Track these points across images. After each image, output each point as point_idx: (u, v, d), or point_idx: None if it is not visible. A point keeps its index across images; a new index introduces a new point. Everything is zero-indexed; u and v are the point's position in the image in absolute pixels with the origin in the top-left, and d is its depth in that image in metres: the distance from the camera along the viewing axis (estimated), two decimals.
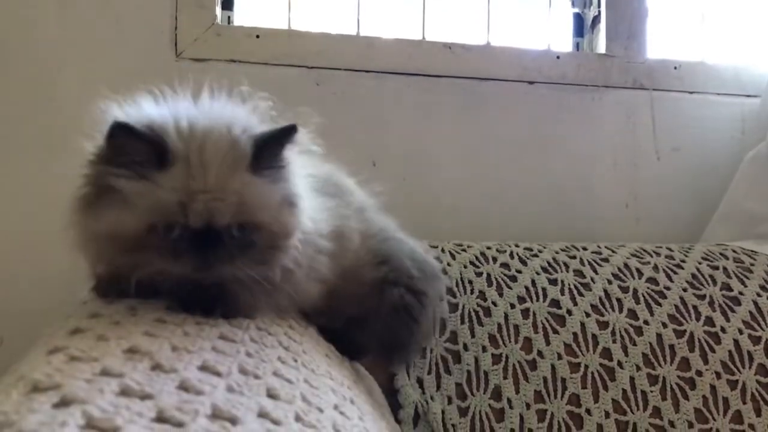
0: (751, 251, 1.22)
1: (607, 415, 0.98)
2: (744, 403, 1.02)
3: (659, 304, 1.08)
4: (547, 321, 1.03)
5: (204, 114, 0.57)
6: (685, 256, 1.18)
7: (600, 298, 1.07)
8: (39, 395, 0.32)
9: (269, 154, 0.57)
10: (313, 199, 0.64)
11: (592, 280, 1.09)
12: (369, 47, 1.31)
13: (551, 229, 1.33)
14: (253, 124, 0.59)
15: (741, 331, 1.07)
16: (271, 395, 0.42)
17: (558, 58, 1.39)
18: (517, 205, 1.35)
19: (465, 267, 1.06)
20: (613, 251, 1.16)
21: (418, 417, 0.93)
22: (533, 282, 1.07)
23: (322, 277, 0.65)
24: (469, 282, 1.04)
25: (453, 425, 0.93)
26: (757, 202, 1.32)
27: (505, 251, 1.11)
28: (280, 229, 0.58)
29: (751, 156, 1.36)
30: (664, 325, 1.06)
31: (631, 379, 1.01)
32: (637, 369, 1.02)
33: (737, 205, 1.35)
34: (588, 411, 0.98)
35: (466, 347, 0.99)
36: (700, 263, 1.16)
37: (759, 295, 1.12)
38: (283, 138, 0.58)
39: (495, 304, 1.03)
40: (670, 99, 1.43)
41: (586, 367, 1.00)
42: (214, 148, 0.54)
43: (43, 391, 0.33)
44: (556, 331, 1.02)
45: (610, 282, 1.09)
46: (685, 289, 1.11)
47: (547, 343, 1.01)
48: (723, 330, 1.07)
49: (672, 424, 0.99)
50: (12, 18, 1.18)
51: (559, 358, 1.00)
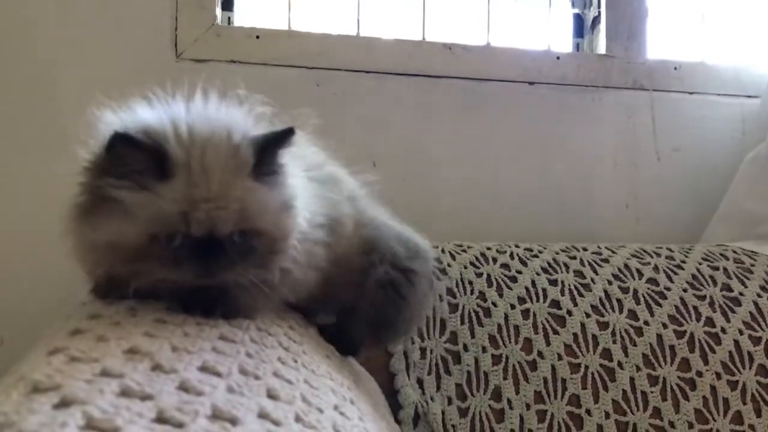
0: (752, 252, 1.22)
1: (607, 415, 0.98)
2: (744, 403, 1.02)
3: (659, 305, 1.08)
4: (548, 321, 1.03)
5: (202, 119, 0.56)
6: (686, 257, 1.18)
7: (600, 299, 1.07)
8: (39, 396, 0.32)
9: (269, 159, 0.57)
10: (306, 188, 0.63)
11: (593, 280, 1.09)
12: (369, 48, 1.31)
13: (551, 230, 1.33)
14: (251, 127, 0.58)
15: (741, 332, 1.07)
16: (272, 396, 0.42)
17: (558, 58, 1.39)
18: (518, 206, 1.35)
19: (465, 267, 1.06)
20: (613, 252, 1.16)
21: (418, 417, 0.93)
22: (533, 282, 1.07)
23: (319, 265, 0.65)
24: (469, 282, 1.04)
25: (453, 426, 0.93)
26: (757, 202, 1.32)
27: (506, 252, 1.11)
28: (280, 234, 0.58)
29: (751, 157, 1.36)
30: (665, 325, 1.06)
31: (632, 379, 1.01)
32: (638, 369, 1.02)
33: (737, 205, 1.35)
34: (588, 411, 0.98)
35: (466, 348, 0.99)
36: (700, 264, 1.16)
37: (759, 295, 1.12)
38: (281, 141, 0.57)
39: (495, 304, 1.03)
40: (670, 99, 1.43)
41: (587, 367, 1.00)
42: (215, 155, 0.54)
43: (43, 392, 0.33)
44: (556, 332, 1.02)
45: (610, 282, 1.09)
46: (685, 290, 1.11)
47: (548, 343, 1.01)
48: (723, 330, 1.07)
49: (672, 424, 0.99)
50: (12, 18, 1.18)
51: (560, 358, 1.00)
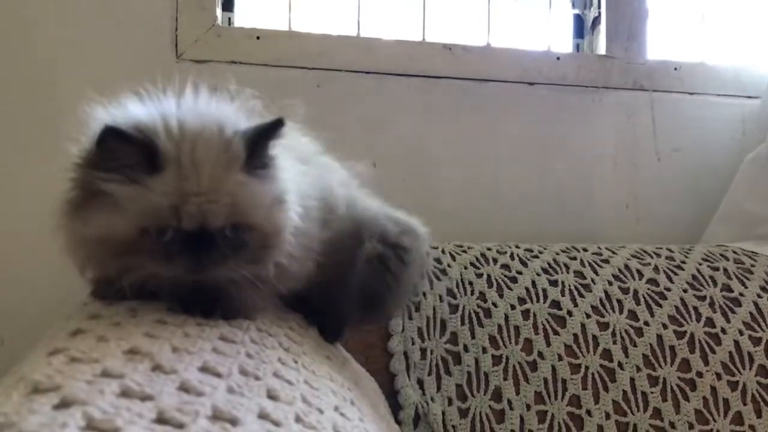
0: (752, 252, 1.22)
1: (607, 416, 0.98)
2: (744, 404, 1.02)
3: (659, 305, 1.08)
4: (548, 322, 1.03)
5: (192, 113, 0.56)
6: (686, 257, 1.18)
7: (600, 299, 1.07)
8: (39, 396, 0.32)
9: (260, 152, 0.57)
10: (299, 174, 0.62)
11: (593, 281, 1.09)
12: (369, 48, 1.31)
13: (551, 230, 1.33)
14: (242, 121, 0.58)
15: (741, 332, 1.07)
16: (272, 396, 0.42)
17: (558, 59, 1.39)
18: (518, 207, 1.35)
19: (465, 268, 1.06)
20: (613, 252, 1.16)
21: (418, 418, 0.93)
22: (533, 283, 1.07)
23: (314, 256, 0.64)
24: (470, 283, 1.04)
25: (453, 426, 0.93)
26: (757, 203, 1.32)
27: (506, 252, 1.11)
28: (272, 228, 0.57)
29: (752, 157, 1.36)
30: (665, 326, 1.06)
31: (632, 380, 1.01)
32: (638, 370, 1.02)
33: (737, 206, 1.35)
34: (588, 412, 0.98)
35: (466, 348, 0.99)
36: (700, 264, 1.16)
37: (759, 296, 1.12)
38: (271, 133, 0.57)
39: (495, 305, 1.03)
40: (670, 100, 1.43)
41: (587, 368, 1.00)
42: (205, 149, 0.54)
43: (43, 393, 0.33)
44: (556, 332, 1.02)
45: (610, 283, 1.09)
46: (685, 290, 1.11)
47: (548, 344, 1.01)
48: (723, 331, 1.07)
49: (672, 425, 0.99)
50: (12, 18, 1.18)
51: (560, 359, 1.00)
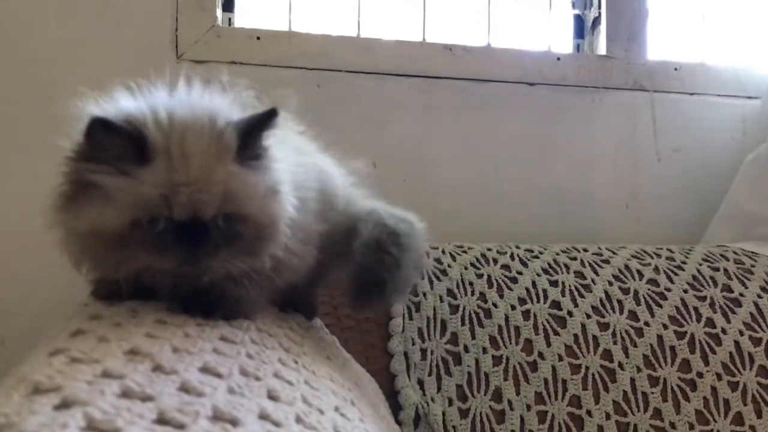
0: (752, 253, 1.22)
1: (607, 416, 0.98)
2: (745, 404, 1.02)
3: (660, 306, 1.08)
4: (548, 322, 1.03)
5: (183, 105, 0.56)
6: (686, 258, 1.18)
7: (601, 300, 1.07)
8: (40, 397, 0.32)
9: (252, 142, 0.56)
10: (294, 164, 0.62)
11: (593, 281, 1.09)
12: (369, 49, 1.31)
13: (552, 231, 1.33)
14: (235, 113, 0.57)
15: (742, 333, 1.07)
16: (272, 397, 0.42)
17: (558, 59, 1.39)
18: (518, 207, 1.35)
19: (465, 268, 1.06)
20: (613, 253, 1.16)
21: (418, 418, 0.93)
22: (534, 283, 1.07)
23: (313, 249, 0.64)
24: (470, 283, 1.04)
25: (454, 427, 0.93)
26: (757, 203, 1.32)
27: (506, 253, 1.11)
28: (266, 220, 0.57)
29: (752, 158, 1.36)
30: (665, 326, 1.06)
31: (632, 380, 1.01)
32: (638, 370, 1.02)
33: (738, 206, 1.35)
34: (589, 412, 0.98)
35: (466, 349, 0.99)
36: (700, 265, 1.16)
37: (760, 296, 1.12)
38: (264, 124, 0.56)
39: (495, 305, 1.03)
40: (670, 100, 1.43)
41: (587, 368, 1.00)
42: (195, 139, 0.53)
43: (44, 393, 0.33)
44: (556, 333, 1.02)
45: (610, 283, 1.09)
46: (685, 291, 1.11)
47: (548, 344, 1.01)
48: (724, 331, 1.07)
49: (673, 425, 0.99)
50: (12, 19, 1.18)
51: (560, 359, 1.00)
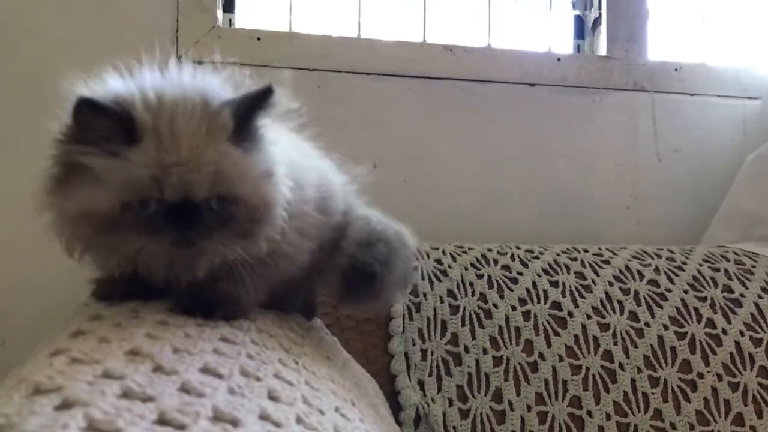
0: (752, 253, 1.22)
1: (608, 417, 0.98)
2: (745, 405, 1.02)
3: (660, 306, 1.08)
4: (548, 323, 1.03)
5: (173, 85, 0.55)
6: (686, 258, 1.17)
7: (601, 300, 1.07)
8: (40, 397, 0.32)
9: (247, 122, 0.55)
10: (291, 146, 0.61)
11: (593, 282, 1.09)
12: (370, 49, 1.31)
13: (552, 231, 1.33)
14: (227, 93, 0.57)
15: (742, 333, 1.07)
16: (273, 397, 0.42)
17: (559, 60, 1.39)
18: (518, 207, 1.35)
19: (466, 269, 1.06)
20: (614, 253, 1.16)
21: (419, 419, 0.93)
22: (534, 284, 1.07)
23: (311, 234, 0.63)
24: (470, 284, 1.04)
25: (454, 427, 0.93)
26: (758, 204, 1.32)
27: (506, 253, 1.11)
28: (260, 202, 0.55)
29: (752, 158, 1.36)
30: (665, 327, 1.06)
31: (632, 381, 1.01)
32: (639, 371, 1.01)
33: (738, 207, 1.35)
34: (589, 413, 0.98)
35: (467, 349, 0.99)
36: (701, 265, 1.16)
37: (760, 297, 1.12)
38: (259, 103, 0.56)
39: (496, 306, 1.03)
40: (670, 101, 1.43)
41: (587, 369, 1.00)
42: (185, 119, 0.52)
43: (44, 394, 0.33)
44: (557, 333, 1.02)
45: (611, 284, 1.09)
46: (686, 291, 1.11)
47: (548, 345, 1.01)
48: (724, 332, 1.07)
49: (673, 426, 0.99)
50: (12, 19, 1.18)
51: (560, 360, 1.00)
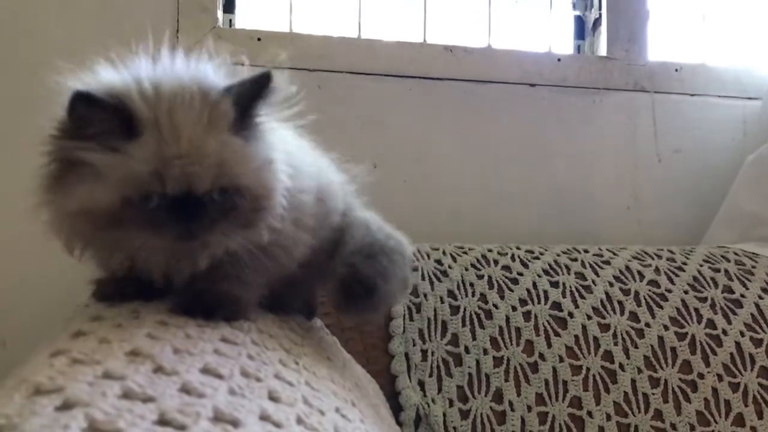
0: (753, 254, 1.21)
1: (608, 417, 0.98)
2: (746, 405, 1.02)
3: (660, 307, 1.08)
4: (549, 323, 1.03)
5: (168, 74, 0.54)
6: (687, 259, 1.17)
7: (601, 301, 1.07)
8: (41, 398, 0.32)
9: (246, 111, 0.54)
10: (290, 142, 0.61)
11: (594, 282, 1.09)
12: (370, 50, 1.31)
13: (552, 232, 1.33)
14: (221, 80, 0.56)
15: (743, 334, 1.07)
16: (273, 398, 0.42)
17: (559, 60, 1.39)
18: (519, 208, 1.35)
19: (466, 269, 1.06)
20: (614, 254, 1.16)
21: (419, 419, 0.93)
22: (534, 284, 1.07)
23: (308, 225, 0.62)
24: (471, 284, 1.04)
25: (454, 428, 0.93)
26: (758, 204, 1.32)
27: (507, 254, 1.11)
28: (263, 190, 0.55)
29: (753, 158, 1.36)
30: (666, 327, 1.06)
31: (633, 381, 1.01)
32: (639, 372, 1.01)
33: (738, 207, 1.35)
34: (589, 414, 0.98)
35: (467, 350, 0.99)
36: (701, 266, 1.16)
37: (761, 297, 1.12)
38: (259, 92, 0.55)
39: (496, 306, 1.03)
40: (671, 101, 1.43)
41: (588, 369, 1.00)
42: (185, 110, 0.51)
43: (45, 394, 0.33)
44: (557, 334, 1.02)
45: (611, 284, 1.09)
46: (686, 292, 1.11)
47: (549, 345, 1.01)
48: (725, 332, 1.07)
49: (674, 426, 0.99)
50: (13, 20, 1.18)
51: (561, 360, 1.00)
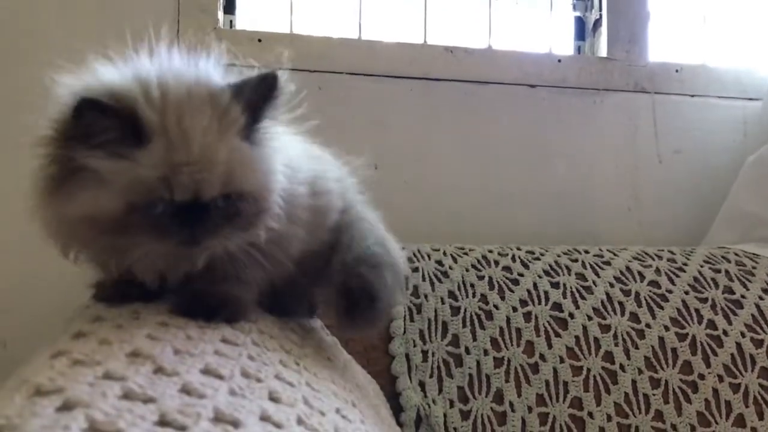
0: (753, 254, 1.21)
1: (609, 418, 0.98)
2: (746, 406, 1.02)
3: (661, 308, 1.08)
4: (549, 324, 1.03)
5: (171, 74, 0.53)
6: (687, 260, 1.17)
7: (602, 302, 1.07)
8: (42, 399, 0.32)
9: (257, 115, 0.54)
10: (290, 143, 0.60)
11: (594, 283, 1.09)
12: (370, 51, 1.31)
13: (553, 233, 1.33)
14: (222, 78, 0.55)
15: (743, 335, 1.07)
16: (273, 398, 0.42)
17: (559, 61, 1.39)
18: (519, 209, 1.35)
19: (467, 270, 1.06)
20: (615, 254, 1.16)
21: (420, 420, 0.93)
22: (535, 285, 1.07)
23: (301, 220, 0.61)
24: (471, 285, 1.04)
25: (455, 428, 0.93)
26: (759, 205, 1.32)
27: (507, 254, 1.11)
28: (265, 195, 0.55)
29: (753, 159, 1.36)
30: (666, 328, 1.06)
31: (633, 382, 1.01)
32: (639, 372, 1.01)
33: (739, 208, 1.35)
34: (590, 414, 0.98)
35: (468, 350, 0.99)
36: (702, 266, 1.16)
37: (761, 298, 1.12)
38: (267, 93, 0.54)
39: (497, 307, 1.03)
40: (671, 102, 1.43)
41: (588, 370, 1.00)
42: (194, 115, 0.50)
43: (46, 395, 0.33)
44: (558, 335, 1.02)
45: (612, 285, 1.09)
46: (687, 293, 1.11)
47: (549, 346, 1.01)
48: (725, 333, 1.07)
49: (674, 427, 0.99)
50: (13, 20, 1.18)
51: (561, 361, 1.00)
